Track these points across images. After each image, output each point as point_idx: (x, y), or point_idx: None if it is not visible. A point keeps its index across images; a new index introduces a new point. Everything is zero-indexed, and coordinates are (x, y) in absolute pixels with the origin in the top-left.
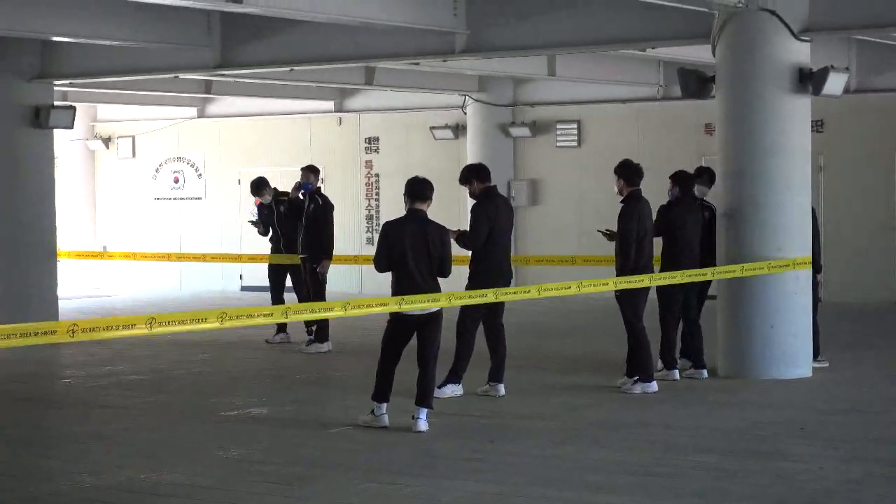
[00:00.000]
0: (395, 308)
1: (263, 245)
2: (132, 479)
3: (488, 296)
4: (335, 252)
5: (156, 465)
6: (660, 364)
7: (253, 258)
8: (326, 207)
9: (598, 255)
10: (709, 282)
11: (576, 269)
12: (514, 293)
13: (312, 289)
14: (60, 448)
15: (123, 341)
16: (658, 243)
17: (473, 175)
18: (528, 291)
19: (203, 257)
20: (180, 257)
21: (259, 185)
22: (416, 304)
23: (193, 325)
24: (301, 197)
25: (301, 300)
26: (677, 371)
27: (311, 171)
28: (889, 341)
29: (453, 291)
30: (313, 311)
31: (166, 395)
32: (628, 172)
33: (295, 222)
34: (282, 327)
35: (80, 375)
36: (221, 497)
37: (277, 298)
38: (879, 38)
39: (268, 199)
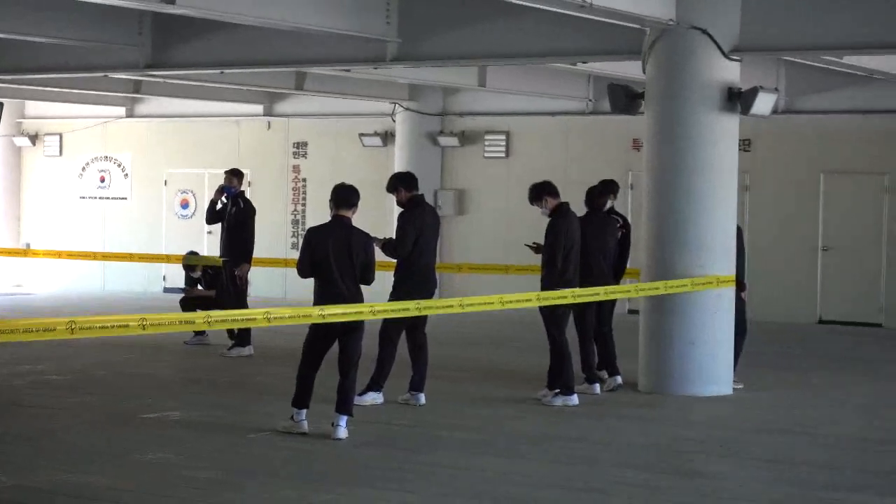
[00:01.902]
0: (317, 320)
1: (190, 246)
2: (52, 481)
3: (410, 309)
4: (255, 256)
5: (76, 467)
6: (581, 375)
7: (178, 259)
8: (248, 211)
9: (530, 265)
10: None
11: (505, 279)
12: (437, 307)
13: (234, 293)
14: None
15: (45, 341)
16: None
17: (401, 183)
18: (451, 306)
19: (129, 257)
20: (105, 256)
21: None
22: (338, 316)
23: (115, 330)
24: (224, 200)
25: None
26: (598, 385)
27: (234, 175)
28: (810, 362)
29: (375, 304)
30: (235, 320)
31: (88, 397)
32: (549, 188)
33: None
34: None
35: (1, 374)
36: (140, 501)
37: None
38: (809, 61)
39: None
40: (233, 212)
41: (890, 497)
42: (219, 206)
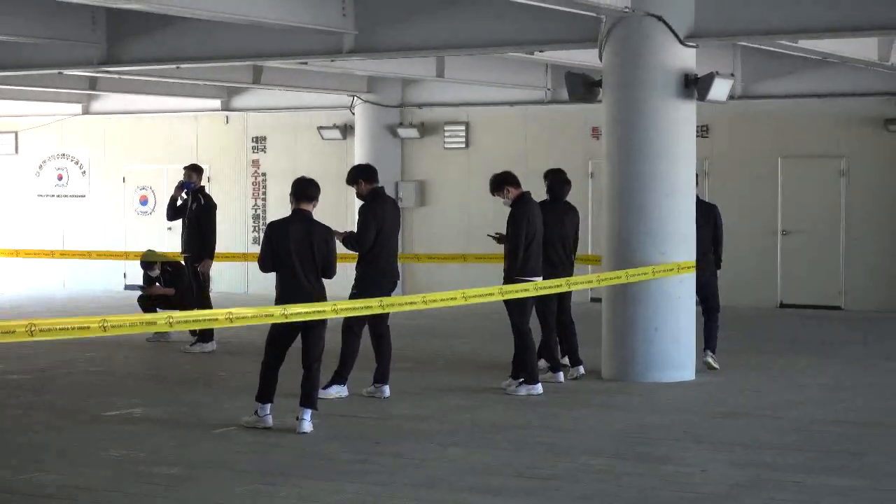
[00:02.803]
0: (279, 319)
1: (150, 242)
2: (12, 480)
3: (373, 307)
4: (217, 251)
5: (37, 466)
6: (544, 364)
7: (137, 255)
8: (209, 207)
9: (488, 253)
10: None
11: (465, 268)
12: (400, 304)
13: (196, 288)
14: None
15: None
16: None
17: (361, 175)
18: (414, 303)
19: (88, 255)
20: (64, 254)
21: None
22: (301, 315)
23: (75, 332)
24: (184, 196)
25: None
26: (561, 374)
27: (193, 170)
28: (772, 345)
29: (338, 301)
30: (197, 321)
31: (49, 395)
32: (510, 178)
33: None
34: None
35: None
36: (102, 498)
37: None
38: (764, 46)
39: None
40: (193, 207)
41: (855, 478)
42: (179, 202)
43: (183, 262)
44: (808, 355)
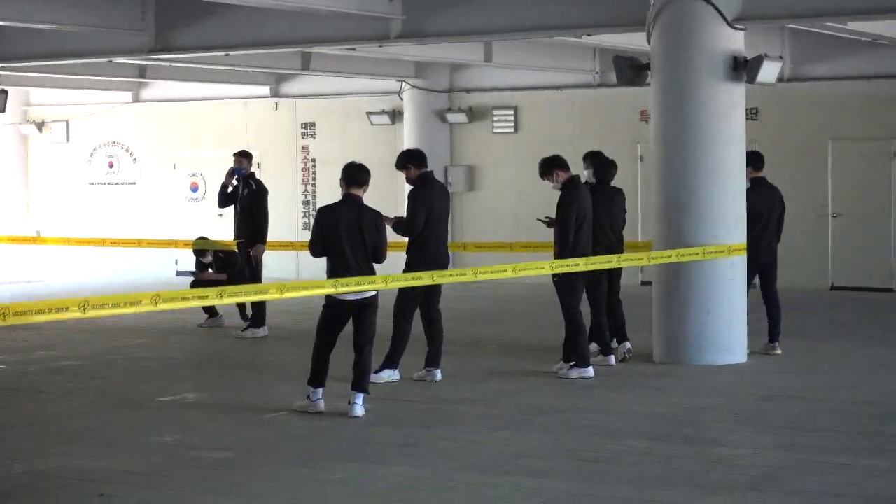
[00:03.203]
0: (330, 290)
1: (200, 229)
2: (65, 466)
3: (424, 278)
4: (269, 237)
5: (89, 452)
6: (595, 347)
7: (188, 244)
8: (260, 192)
9: (536, 241)
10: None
11: (513, 256)
12: (451, 275)
13: (249, 274)
14: None
15: (58, 327)
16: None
17: (410, 161)
18: (464, 274)
19: (139, 243)
20: (115, 242)
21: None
22: (352, 287)
23: (127, 308)
24: (234, 182)
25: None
26: (613, 357)
27: (243, 157)
28: (823, 328)
29: (389, 274)
30: (248, 294)
31: (101, 381)
32: (559, 162)
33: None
34: (212, 312)
35: (13, 361)
36: (155, 483)
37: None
38: (813, 28)
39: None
40: (245, 193)
41: None
42: (230, 188)
43: (236, 249)
44: (859, 338)
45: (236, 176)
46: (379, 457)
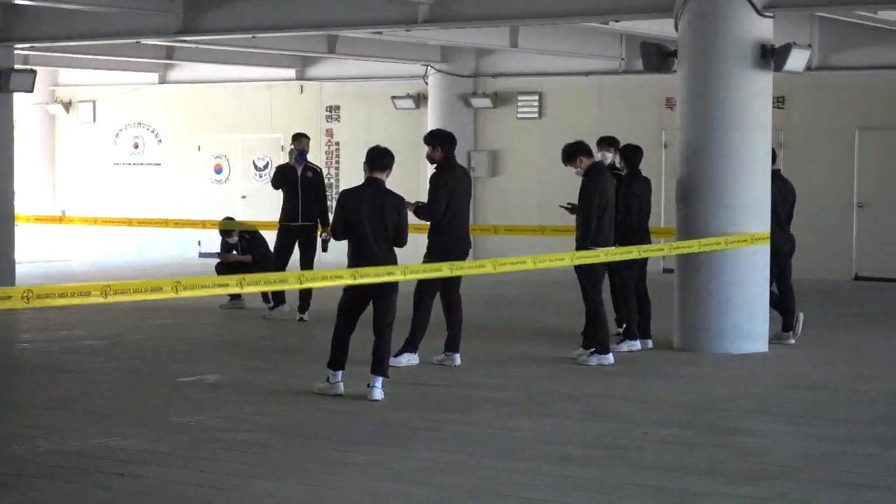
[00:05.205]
0: (349, 281)
1: (224, 211)
2: (89, 445)
3: (443, 270)
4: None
5: (113, 431)
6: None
7: (214, 224)
8: (321, 175)
9: (564, 225)
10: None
11: (541, 240)
12: (470, 268)
13: (308, 252)
14: (17, 413)
15: (81, 306)
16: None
17: (440, 142)
18: (484, 266)
19: (164, 223)
20: (141, 223)
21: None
22: (371, 278)
23: (149, 294)
24: (296, 165)
25: (306, 266)
26: (638, 341)
27: (305, 138)
28: (846, 318)
29: (408, 265)
30: (268, 283)
31: (124, 361)
32: (583, 148)
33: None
34: (234, 294)
35: (38, 340)
36: (178, 463)
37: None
38: (842, 16)
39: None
40: (309, 176)
41: None
42: (299, 171)
43: (315, 232)
44: (882, 328)
45: (301, 159)
46: (399, 440)
